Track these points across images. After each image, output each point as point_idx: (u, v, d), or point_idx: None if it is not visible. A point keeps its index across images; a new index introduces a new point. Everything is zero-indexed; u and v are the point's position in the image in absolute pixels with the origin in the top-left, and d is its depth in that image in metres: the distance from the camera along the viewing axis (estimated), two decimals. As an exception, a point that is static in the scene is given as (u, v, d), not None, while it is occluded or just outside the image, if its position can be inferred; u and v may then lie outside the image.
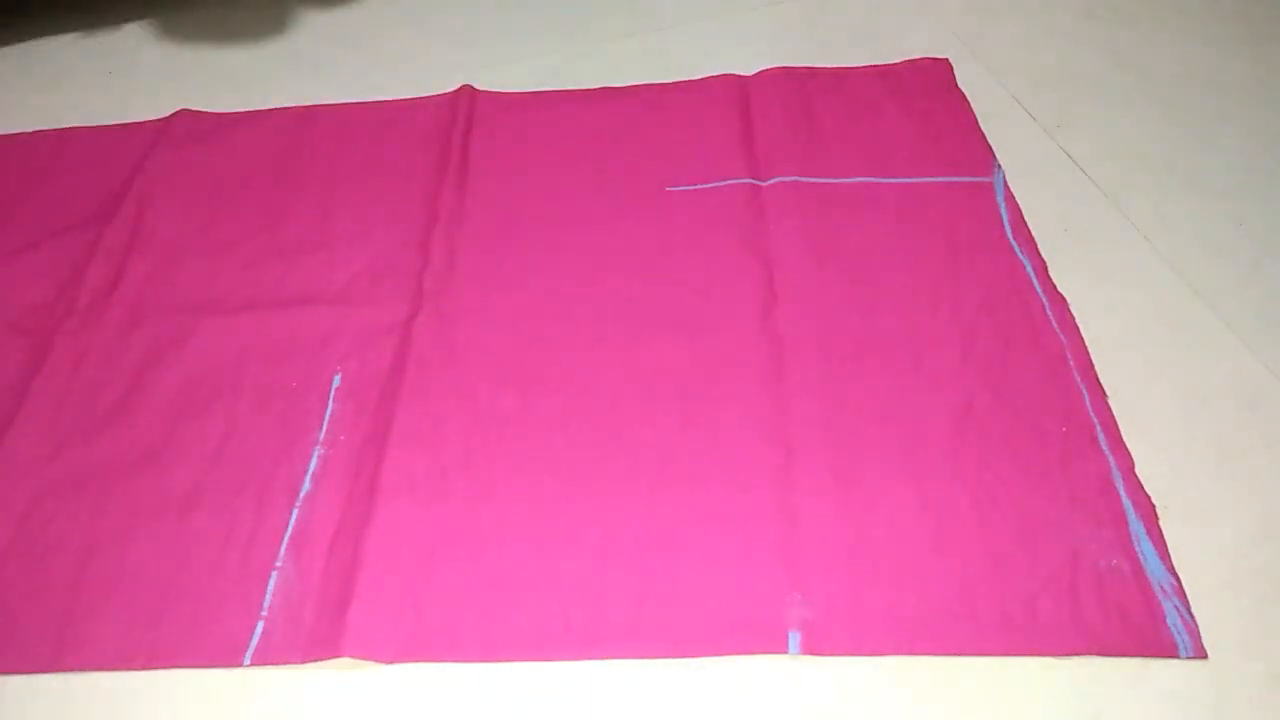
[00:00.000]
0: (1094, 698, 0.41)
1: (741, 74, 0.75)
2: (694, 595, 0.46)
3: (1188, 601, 0.44)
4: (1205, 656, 0.42)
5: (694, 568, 0.47)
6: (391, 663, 0.45)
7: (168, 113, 0.76)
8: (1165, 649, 0.42)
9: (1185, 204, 0.64)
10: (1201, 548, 0.46)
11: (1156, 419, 0.51)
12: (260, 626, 0.46)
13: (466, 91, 0.75)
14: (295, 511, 0.51)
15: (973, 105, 0.71)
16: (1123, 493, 0.48)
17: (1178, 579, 0.45)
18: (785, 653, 0.44)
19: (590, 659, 0.44)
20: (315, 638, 0.46)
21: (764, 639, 0.44)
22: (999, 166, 0.66)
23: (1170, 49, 0.76)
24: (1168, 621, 0.43)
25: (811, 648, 0.43)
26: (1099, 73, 0.74)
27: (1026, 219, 0.62)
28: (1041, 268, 0.59)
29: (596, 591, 0.46)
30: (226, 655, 0.45)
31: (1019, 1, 0.82)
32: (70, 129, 0.76)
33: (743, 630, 0.44)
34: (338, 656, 0.45)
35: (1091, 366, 0.54)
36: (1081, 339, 0.55)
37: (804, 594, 0.45)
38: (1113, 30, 0.78)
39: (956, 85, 0.73)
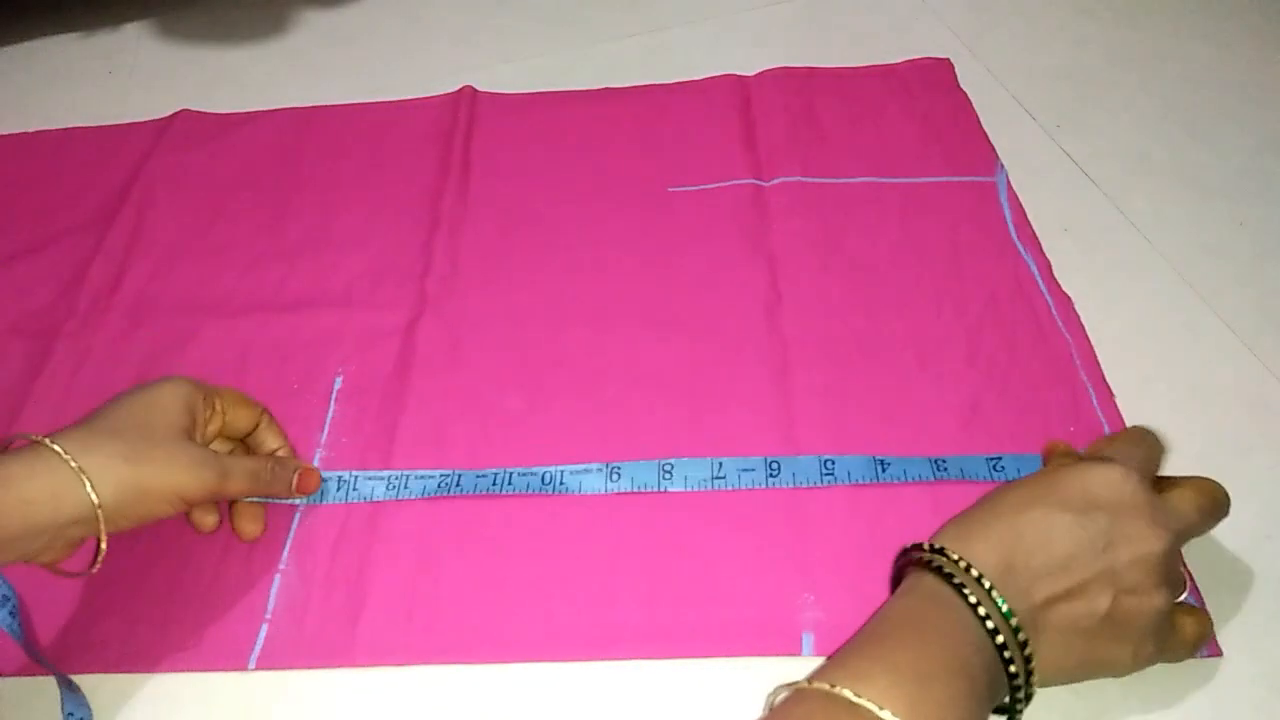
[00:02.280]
0: (1095, 697, 0.41)
1: (743, 74, 0.75)
2: (706, 596, 0.46)
3: (1201, 597, 0.44)
4: (1220, 654, 0.42)
5: (705, 569, 0.47)
6: (400, 665, 0.45)
7: (168, 113, 0.76)
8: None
9: (1185, 204, 0.64)
10: (1203, 547, 0.46)
11: (1156, 419, 0.51)
12: (264, 630, 0.46)
13: (468, 93, 0.75)
14: (297, 515, 0.51)
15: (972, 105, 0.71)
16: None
17: (1190, 574, 0.44)
18: (799, 655, 0.44)
19: (602, 659, 0.44)
20: (321, 643, 0.46)
21: (777, 640, 0.44)
22: (1002, 166, 0.66)
23: (1170, 49, 0.76)
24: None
25: (825, 650, 0.43)
26: (1099, 73, 0.74)
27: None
28: (1046, 268, 0.59)
29: (607, 592, 0.46)
30: (230, 659, 0.45)
31: (1019, 1, 0.82)
32: (70, 129, 0.76)
33: (756, 631, 0.44)
34: (346, 665, 0.45)
35: (1098, 366, 0.54)
36: (1088, 339, 0.55)
37: (816, 595, 0.45)
38: (1113, 30, 0.78)
39: (959, 85, 0.73)
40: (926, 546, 0.37)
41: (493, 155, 0.71)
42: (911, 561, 0.37)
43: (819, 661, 0.38)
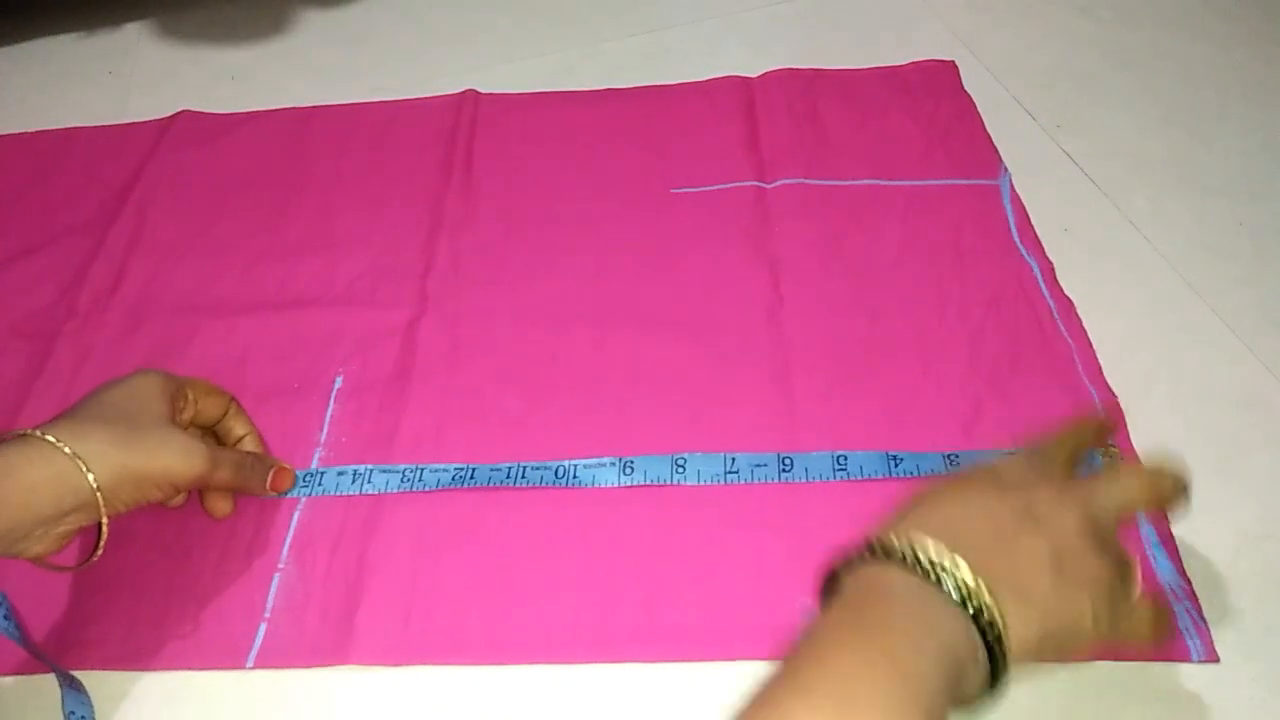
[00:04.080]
0: (1095, 697, 0.41)
1: (746, 75, 0.75)
2: (703, 599, 0.46)
3: (1199, 604, 0.44)
4: (1217, 660, 0.42)
5: (703, 572, 0.47)
6: (398, 665, 0.45)
7: (168, 113, 0.76)
8: (1177, 653, 0.42)
9: (1185, 204, 0.64)
10: (1202, 548, 0.46)
11: (1156, 419, 0.51)
12: (263, 629, 0.46)
13: (470, 94, 0.75)
14: (297, 513, 0.51)
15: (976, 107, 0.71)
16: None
17: (1189, 582, 0.44)
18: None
19: (599, 662, 0.44)
20: (321, 642, 0.46)
21: (775, 644, 0.44)
22: (1005, 170, 0.66)
23: (1170, 49, 0.76)
24: (1179, 625, 0.43)
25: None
26: (1099, 73, 0.74)
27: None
28: (1049, 271, 0.59)
29: (606, 594, 0.46)
30: (229, 657, 0.45)
31: (1019, 1, 0.82)
32: (71, 129, 0.76)
33: (753, 635, 0.44)
34: (344, 663, 0.45)
35: (1100, 371, 0.54)
36: (1089, 342, 0.55)
37: (815, 599, 0.45)
38: (1113, 30, 0.78)
39: (963, 88, 0.73)
40: (864, 542, 0.35)
41: (495, 155, 0.71)
42: (845, 561, 0.35)
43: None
